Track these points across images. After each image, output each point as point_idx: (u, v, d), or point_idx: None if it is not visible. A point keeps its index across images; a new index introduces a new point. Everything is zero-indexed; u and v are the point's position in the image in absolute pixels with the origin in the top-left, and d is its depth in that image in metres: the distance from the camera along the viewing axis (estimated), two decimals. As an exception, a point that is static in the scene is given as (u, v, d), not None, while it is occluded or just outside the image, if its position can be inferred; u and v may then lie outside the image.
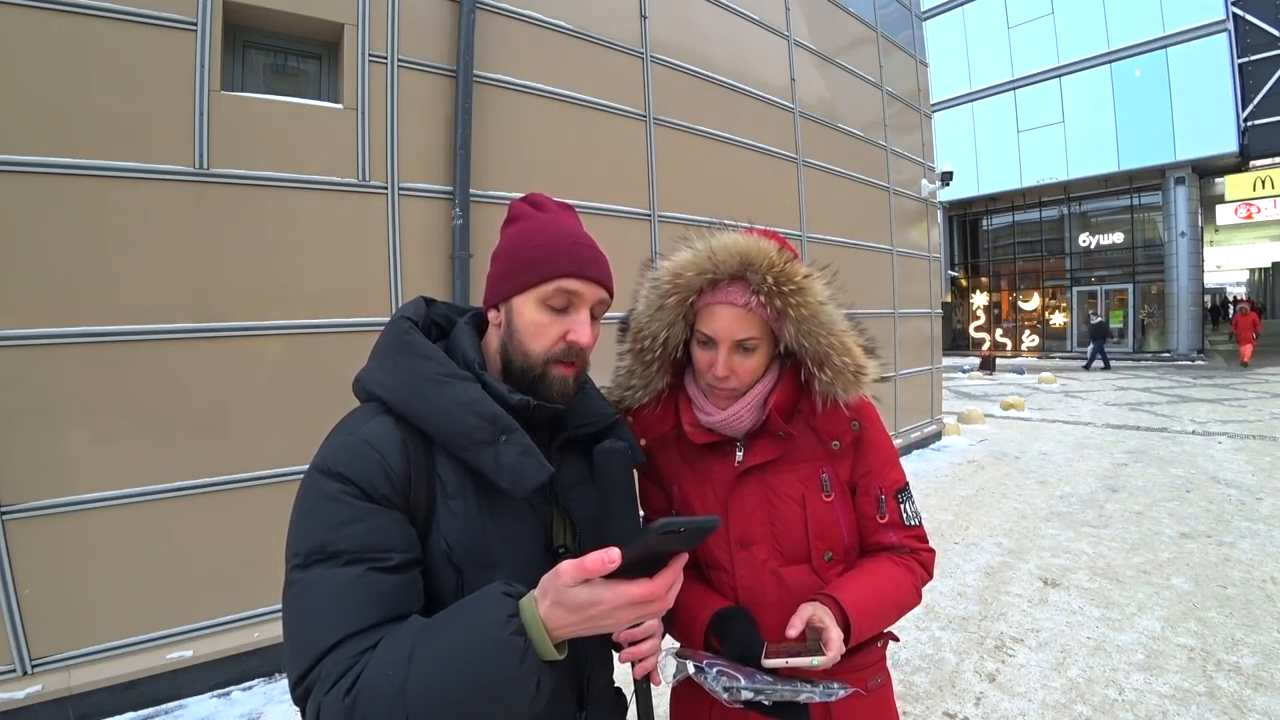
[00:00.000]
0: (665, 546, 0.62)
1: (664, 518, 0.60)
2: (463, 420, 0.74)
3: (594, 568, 0.59)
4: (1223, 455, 6.48)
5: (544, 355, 0.81)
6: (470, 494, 0.76)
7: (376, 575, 0.67)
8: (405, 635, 0.63)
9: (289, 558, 0.70)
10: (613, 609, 0.61)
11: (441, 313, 0.90)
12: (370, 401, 0.80)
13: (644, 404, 1.07)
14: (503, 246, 0.85)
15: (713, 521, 0.61)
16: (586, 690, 0.85)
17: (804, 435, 1.03)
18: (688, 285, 0.96)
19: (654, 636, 0.79)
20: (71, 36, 2.47)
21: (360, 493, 0.70)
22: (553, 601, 0.62)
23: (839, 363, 0.97)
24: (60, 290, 2.46)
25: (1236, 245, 24.40)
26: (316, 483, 0.71)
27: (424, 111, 3.32)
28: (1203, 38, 15.94)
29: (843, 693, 0.87)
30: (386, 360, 0.80)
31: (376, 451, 0.72)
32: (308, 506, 0.71)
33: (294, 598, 0.67)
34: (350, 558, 0.67)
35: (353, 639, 0.64)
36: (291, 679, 0.65)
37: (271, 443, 2.90)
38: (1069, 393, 11.83)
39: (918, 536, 1.06)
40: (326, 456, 0.73)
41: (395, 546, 0.70)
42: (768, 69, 5.53)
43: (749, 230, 1.00)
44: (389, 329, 0.82)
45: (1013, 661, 2.82)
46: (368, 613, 0.65)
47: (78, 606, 2.50)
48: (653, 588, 0.61)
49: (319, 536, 0.68)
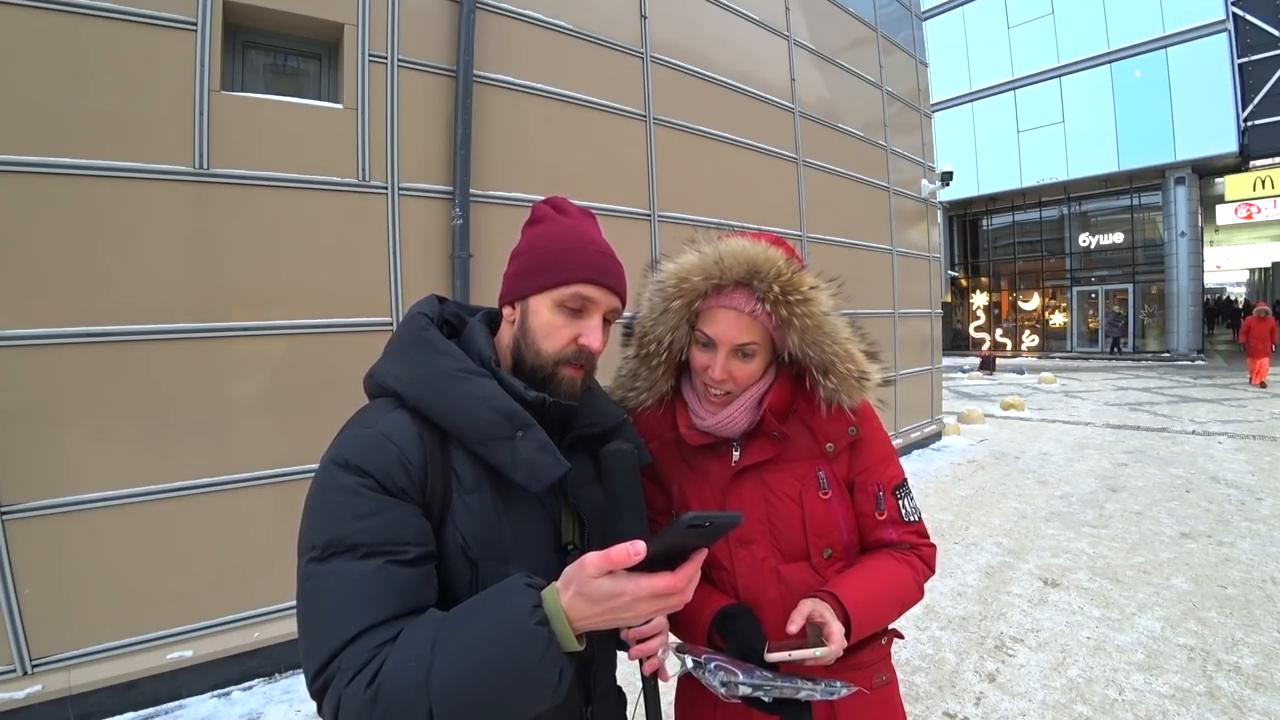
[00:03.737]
0: (689, 541, 0.63)
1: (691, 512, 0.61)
2: (480, 415, 0.75)
3: (619, 559, 0.60)
4: (1223, 455, 6.48)
5: (555, 356, 0.82)
6: (486, 489, 0.77)
7: (395, 568, 0.67)
8: (427, 627, 0.63)
9: (303, 551, 0.69)
10: (634, 601, 0.61)
11: (453, 311, 0.91)
12: (384, 397, 0.80)
13: (647, 405, 1.07)
14: (523, 246, 0.86)
15: (736, 518, 0.63)
16: (593, 687, 0.86)
17: (800, 435, 1.03)
18: (693, 289, 0.96)
19: (662, 633, 0.80)
20: (71, 36, 2.47)
21: (378, 485, 0.70)
22: (576, 592, 0.62)
23: (843, 370, 0.98)
24: (60, 290, 2.46)
25: (1236, 245, 24.39)
26: (333, 475, 0.71)
27: (424, 111, 3.32)
28: (1203, 38, 15.95)
29: (845, 691, 0.86)
30: (404, 356, 0.80)
31: (394, 445, 0.72)
32: (324, 499, 0.70)
33: (311, 590, 0.67)
34: (368, 550, 0.67)
35: (372, 631, 0.64)
36: (309, 672, 0.65)
37: (271, 443, 2.90)
38: (1069, 393, 11.83)
39: (917, 532, 1.06)
40: (343, 450, 0.72)
41: (413, 540, 0.70)
42: (768, 69, 5.53)
43: (757, 235, 1.00)
44: (405, 325, 0.83)
45: (1013, 661, 2.82)
46: (386, 605, 0.65)
47: (78, 606, 2.50)
48: (674, 580, 0.62)
49: (337, 529, 0.68)
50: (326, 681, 0.63)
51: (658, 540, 0.61)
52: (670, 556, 0.63)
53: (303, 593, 0.68)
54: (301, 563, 0.69)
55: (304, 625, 0.67)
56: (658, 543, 0.61)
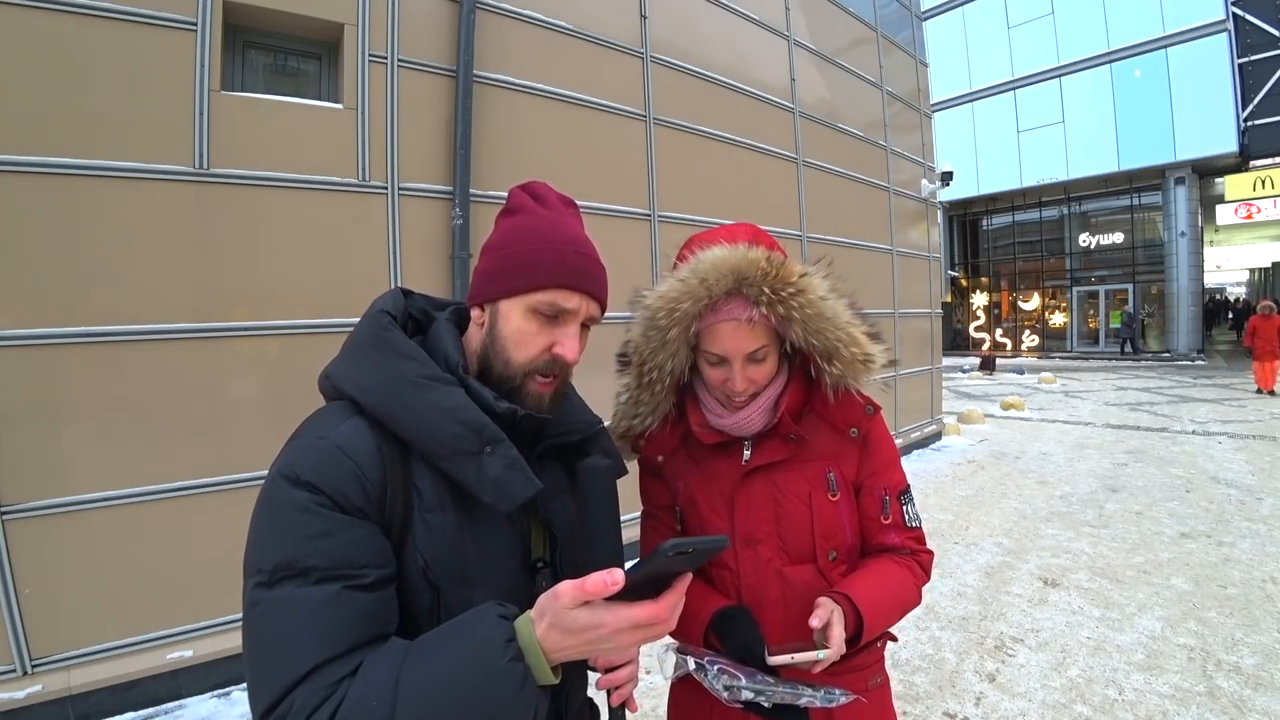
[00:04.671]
0: (673, 568, 0.60)
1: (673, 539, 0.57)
2: (445, 428, 0.68)
3: (595, 590, 0.56)
4: (1223, 455, 6.47)
5: (526, 366, 0.75)
6: (449, 507, 0.71)
7: (352, 593, 0.61)
8: (390, 659, 0.58)
9: (249, 574, 0.62)
10: (614, 632, 0.57)
11: (419, 306, 0.84)
12: (339, 400, 0.73)
13: (651, 428, 1.07)
14: (495, 240, 0.79)
15: (721, 542, 0.60)
16: (565, 707, 0.82)
17: (815, 432, 1.03)
18: (685, 315, 0.93)
19: (632, 663, 0.74)
20: (71, 36, 2.47)
21: (332, 504, 0.63)
22: (550, 623, 0.58)
23: (847, 354, 0.97)
24: (60, 290, 2.46)
25: (1236, 245, 24.38)
26: (282, 490, 0.64)
27: (424, 111, 3.32)
28: (1203, 38, 15.95)
29: (844, 699, 0.86)
30: (363, 358, 0.73)
31: (350, 459, 0.65)
32: (271, 516, 0.64)
33: (259, 619, 0.60)
34: (323, 575, 0.60)
35: (329, 665, 0.57)
36: (257, 711, 0.58)
37: (271, 443, 2.85)
38: (1069, 393, 11.83)
39: (918, 538, 1.06)
40: (293, 462, 0.65)
41: (371, 562, 0.63)
42: (768, 69, 5.53)
43: (730, 236, 0.96)
44: (366, 323, 0.76)
45: (1013, 661, 2.82)
46: (344, 635, 0.59)
47: (78, 606, 2.50)
48: (657, 610, 0.58)
49: (287, 551, 0.61)
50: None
51: (638, 569, 0.58)
52: (653, 583, 0.60)
53: (249, 622, 0.61)
54: (247, 586, 0.62)
55: (251, 658, 0.60)
56: (638, 571, 0.57)
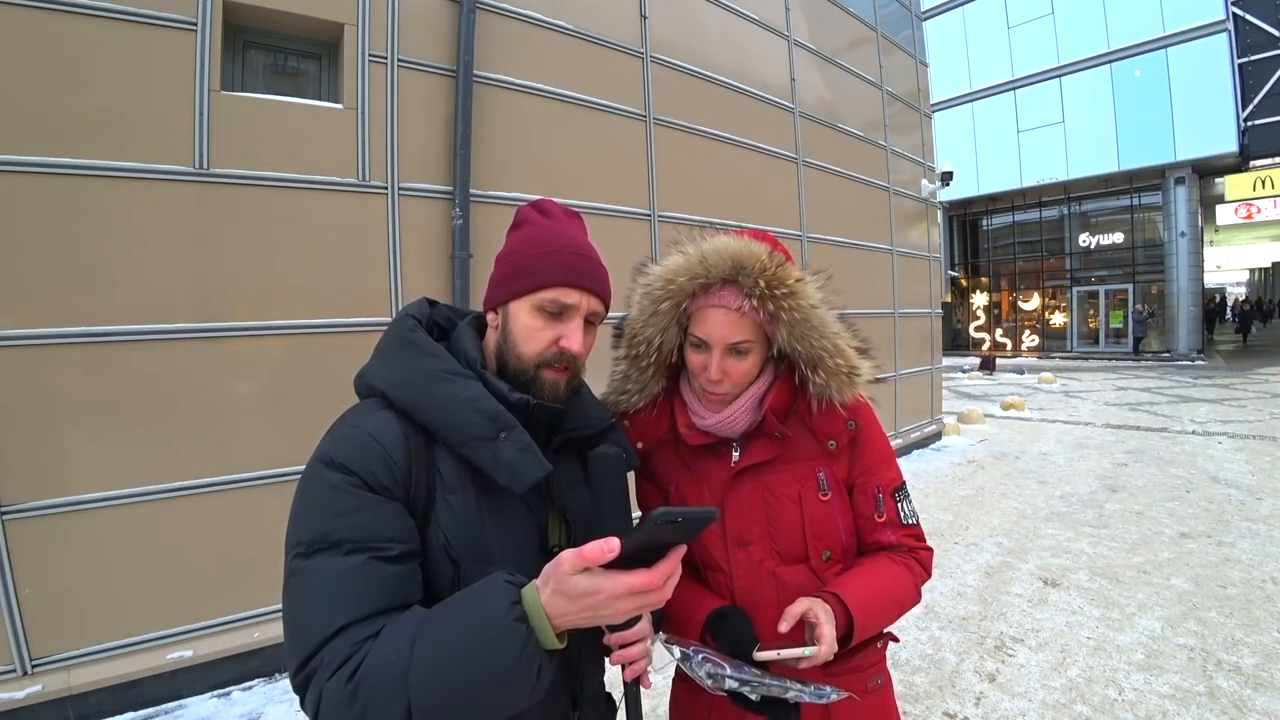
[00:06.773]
0: (663, 537, 0.64)
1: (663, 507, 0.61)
2: (463, 416, 0.76)
3: (593, 556, 0.61)
4: (1223, 455, 6.48)
5: (536, 359, 0.82)
6: (469, 489, 0.78)
7: (378, 564, 0.68)
8: (407, 623, 0.64)
9: (290, 547, 0.71)
10: (611, 598, 0.62)
11: (444, 314, 0.92)
12: (371, 397, 0.81)
13: (640, 408, 1.07)
14: (505, 251, 0.87)
15: (710, 513, 0.62)
16: (579, 691, 0.86)
17: (800, 435, 1.02)
18: (680, 290, 0.95)
19: (645, 639, 0.79)
20: (72, 36, 2.47)
21: (362, 483, 0.71)
22: (553, 590, 0.63)
23: (832, 365, 0.97)
24: (60, 290, 2.46)
25: (1236, 245, 24.41)
26: (318, 474, 0.72)
27: (424, 111, 3.32)
28: (1203, 38, 15.94)
29: (835, 696, 0.85)
30: (390, 357, 0.81)
31: (379, 444, 0.73)
32: (310, 497, 0.72)
33: (295, 586, 0.68)
34: (352, 546, 0.68)
35: (354, 626, 0.64)
36: (292, 666, 0.66)
37: (271, 443, 2.90)
38: (1069, 393, 11.83)
39: (915, 535, 1.05)
40: (329, 449, 0.74)
41: (396, 536, 0.70)
42: (768, 69, 5.53)
43: (740, 232, 1.00)
44: (394, 327, 0.84)
45: (1013, 661, 2.82)
46: (369, 601, 0.66)
47: (78, 606, 2.50)
48: (651, 577, 0.63)
49: (321, 526, 0.69)
50: (308, 676, 0.64)
51: (632, 536, 0.62)
52: (648, 553, 0.64)
53: (287, 589, 0.69)
54: (287, 559, 0.70)
55: (288, 620, 0.68)
56: (632, 539, 0.61)
